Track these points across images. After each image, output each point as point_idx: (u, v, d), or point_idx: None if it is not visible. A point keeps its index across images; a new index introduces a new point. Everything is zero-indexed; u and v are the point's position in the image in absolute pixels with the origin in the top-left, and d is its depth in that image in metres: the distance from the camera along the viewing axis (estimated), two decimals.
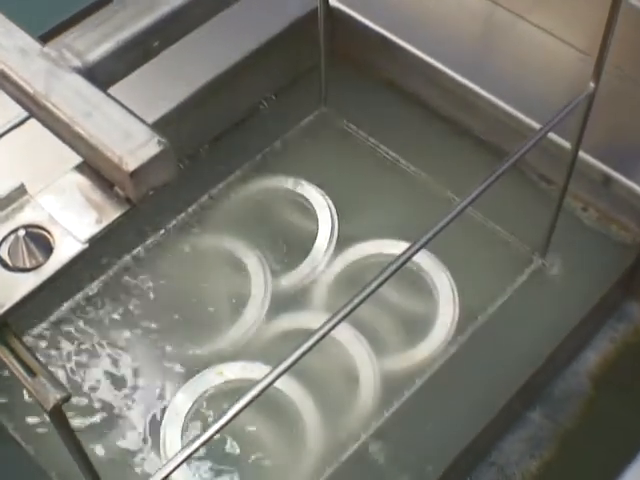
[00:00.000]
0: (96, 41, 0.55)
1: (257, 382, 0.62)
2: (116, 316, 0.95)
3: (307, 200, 1.00)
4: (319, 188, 1.00)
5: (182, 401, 0.86)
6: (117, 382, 0.93)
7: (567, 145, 0.79)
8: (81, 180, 0.50)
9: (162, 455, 0.84)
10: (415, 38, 0.99)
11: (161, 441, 0.84)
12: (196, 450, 0.59)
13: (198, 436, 0.60)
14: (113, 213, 0.49)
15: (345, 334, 0.90)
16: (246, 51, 1.00)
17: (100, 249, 0.92)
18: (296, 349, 0.64)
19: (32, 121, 0.52)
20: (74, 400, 0.89)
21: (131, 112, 0.50)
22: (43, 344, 0.92)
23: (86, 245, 0.47)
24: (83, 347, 0.93)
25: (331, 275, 0.95)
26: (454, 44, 0.87)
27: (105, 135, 0.49)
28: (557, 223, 0.90)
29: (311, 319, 0.93)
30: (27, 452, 0.84)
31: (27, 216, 0.48)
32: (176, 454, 0.59)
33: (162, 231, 0.99)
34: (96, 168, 0.50)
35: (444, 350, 0.88)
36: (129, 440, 0.85)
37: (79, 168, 0.51)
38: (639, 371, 0.89)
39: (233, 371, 0.87)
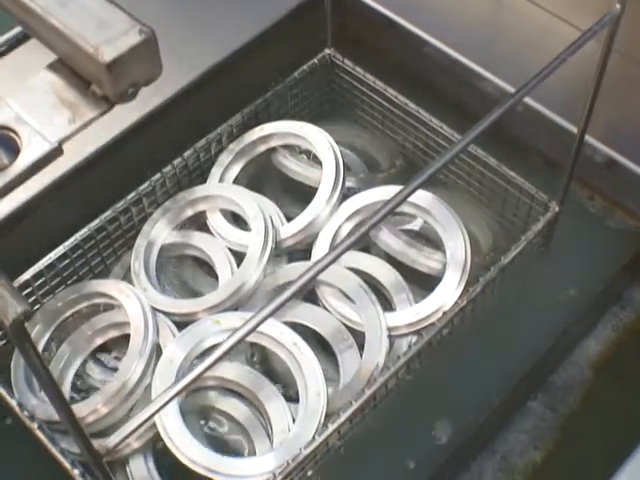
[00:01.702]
0: None
1: (245, 322, 0.56)
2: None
3: (311, 144, 0.95)
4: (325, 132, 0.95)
5: (177, 349, 0.81)
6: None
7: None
8: (54, 79, 0.45)
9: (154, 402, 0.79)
10: (418, 20, 1.00)
11: (153, 389, 0.80)
12: (184, 389, 0.54)
13: (185, 374, 0.55)
14: (88, 113, 0.44)
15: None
16: (258, 30, 0.98)
17: None
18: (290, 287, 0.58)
19: None
20: None
21: (111, 1, 0.44)
22: None
23: (55, 145, 0.42)
24: None
25: (334, 224, 0.91)
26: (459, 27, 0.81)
27: (80, 25, 0.44)
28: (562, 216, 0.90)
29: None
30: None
31: None
32: (162, 392, 0.54)
33: (156, 176, 0.93)
34: (71, 66, 0.45)
35: (455, 305, 0.84)
36: None
37: (52, 66, 0.46)
38: None
39: (229, 320, 0.83)
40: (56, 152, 0.42)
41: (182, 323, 0.86)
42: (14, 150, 0.42)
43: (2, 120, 0.43)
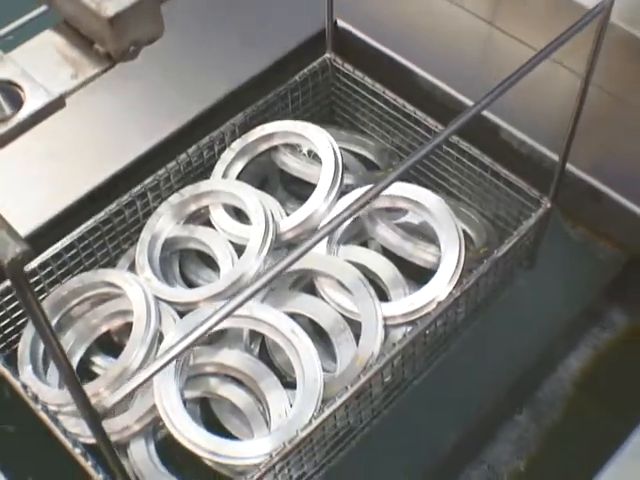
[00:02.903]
0: None
1: (238, 293, 0.55)
2: None
3: (312, 143, 0.95)
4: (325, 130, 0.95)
5: (178, 335, 0.81)
6: None
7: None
8: (59, 39, 0.45)
9: (156, 391, 0.78)
10: (405, 52, 1.02)
11: (155, 380, 0.79)
12: (180, 354, 0.53)
13: (180, 341, 0.54)
14: (91, 69, 0.44)
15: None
16: (264, 66, 1.01)
17: None
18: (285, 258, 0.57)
19: None
20: None
21: None
22: None
23: (57, 96, 0.41)
24: None
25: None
26: (449, 59, 0.83)
27: None
28: (546, 237, 0.92)
29: (309, 261, 0.88)
30: None
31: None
32: (160, 355, 0.54)
33: (163, 178, 0.93)
34: (76, 26, 0.45)
35: (448, 297, 0.83)
36: None
37: (57, 28, 0.46)
38: (619, 378, 0.91)
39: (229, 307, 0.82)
40: (57, 103, 0.42)
41: (185, 312, 0.85)
42: (18, 102, 0.42)
43: (8, 75, 0.43)
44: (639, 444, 0.73)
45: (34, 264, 0.85)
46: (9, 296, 0.84)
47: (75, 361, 0.86)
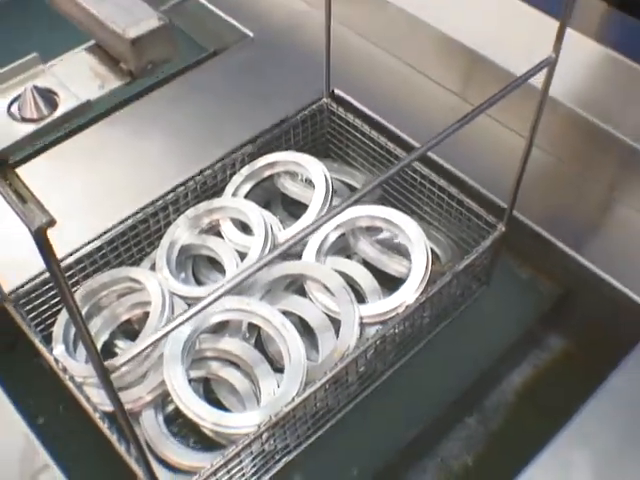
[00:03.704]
0: None
1: (237, 274, 0.56)
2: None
3: (308, 170, 0.96)
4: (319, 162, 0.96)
5: (186, 324, 0.81)
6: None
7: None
8: (90, 57, 0.47)
9: (165, 369, 0.79)
10: (396, 120, 1.02)
11: (164, 355, 0.80)
12: (179, 325, 0.54)
13: (182, 313, 0.55)
14: (115, 82, 0.46)
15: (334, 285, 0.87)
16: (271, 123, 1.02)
17: None
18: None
19: None
20: None
21: None
22: None
23: (84, 101, 0.43)
24: None
25: (322, 233, 0.91)
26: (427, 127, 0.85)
27: (113, 13, 0.45)
28: (497, 271, 0.95)
29: (300, 267, 0.89)
30: None
31: (39, 80, 0.44)
32: (165, 324, 0.55)
33: (182, 195, 0.95)
34: (105, 48, 0.47)
35: (415, 302, 0.84)
36: None
37: (89, 48, 0.47)
38: (552, 390, 0.92)
39: (231, 303, 0.83)
40: (85, 107, 0.43)
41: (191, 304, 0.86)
42: (53, 105, 0.43)
43: (47, 84, 0.44)
44: (561, 442, 0.75)
45: (70, 259, 0.86)
46: (48, 286, 0.85)
47: (100, 343, 0.87)
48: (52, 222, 0.39)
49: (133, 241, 0.92)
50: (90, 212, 0.92)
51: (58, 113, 0.43)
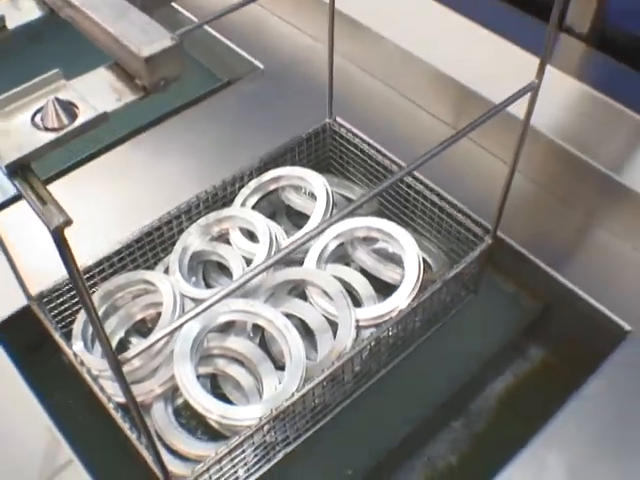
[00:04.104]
0: None
1: (245, 273, 0.56)
2: None
3: (310, 184, 0.96)
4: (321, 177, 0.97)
5: (196, 323, 0.82)
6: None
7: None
8: (108, 74, 0.47)
9: (175, 365, 0.79)
10: (391, 147, 1.02)
11: (175, 352, 0.80)
12: (188, 320, 0.54)
13: (190, 310, 0.55)
14: (130, 96, 0.46)
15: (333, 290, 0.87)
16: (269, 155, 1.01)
17: None
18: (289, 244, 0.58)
19: None
20: None
21: (152, 20, 0.46)
22: None
23: (101, 113, 0.43)
24: None
25: (322, 242, 0.91)
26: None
27: (129, 33, 0.46)
28: (483, 292, 0.96)
29: (301, 273, 0.89)
30: None
31: (60, 93, 0.45)
32: (174, 320, 0.55)
33: (195, 206, 0.95)
34: (122, 65, 0.47)
35: (407, 307, 0.84)
36: None
37: (108, 66, 0.48)
38: (532, 397, 0.91)
39: (237, 304, 0.84)
40: (102, 118, 0.44)
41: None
42: (73, 116, 0.44)
43: (68, 97, 0.45)
44: (537, 444, 0.76)
45: (90, 262, 0.87)
46: (68, 287, 0.86)
47: (116, 340, 0.87)
48: (69, 222, 0.39)
49: (148, 246, 0.92)
50: (114, 223, 0.93)
51: (77, 123, 0.43)
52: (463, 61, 1.03)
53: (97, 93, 0.45)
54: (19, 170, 0.41)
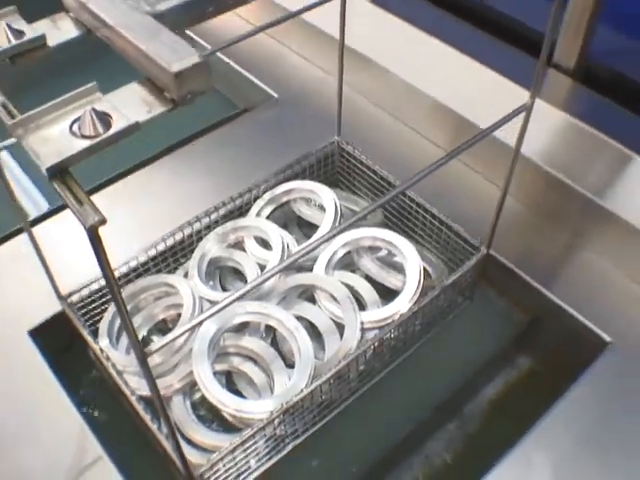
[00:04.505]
0: None
1: (258, 277, 0.56)
2: None
3: (320, 197, 0.97)
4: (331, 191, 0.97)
5: (213, 323, 0.82)
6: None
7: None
8: (140, 88, 0.48)
9: (193, 362, 0.79)
10: (393, 171, 1.00)
11: (193, 350, 0.80)
12: (206, 318, 0.55)
13: (209, 308, 0.55)
14: (160, 108, 0.46)
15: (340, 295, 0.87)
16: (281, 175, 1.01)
17: None
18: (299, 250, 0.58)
19: None
20: None
21: (183, 39, 0.47)
22: None
23: (133, 122, 0.44)
24: None
25: (330, 250, 0.91)
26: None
27: (160, 50, 0.46)
28: (476, 305, 0.96)
29: (311, 278, 0.89)
30: None
31: (96, 105, 0.45)
32: (195, 317, 0.55)
33: (213, 216, 0.95)
34: (153, 80, 0.48)
35: (408, 311, 0.84)
36: None
37: (140, 81, 0.48)
38: (521, 403, 0.91)
39: (251, 307, 0.84)
40: (134, 127, 0.44)
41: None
42: (107, 125, 0.44)
43: (104, 108, 0.45)
44: (525, 445, 0.77)
45: (116, 265, 0.87)
46: (96, 287, 0.86)
47: (139, 338, 0.87)
48: (103, 221, 0.39)
49: (169, 252, 0.93)
50: (139, 232, 0.93)
51: (111, 131, 0.43)
52: (460, 93, 1.03)
53: (129, 105, 0.46)
54: (58, 173, 0.42)
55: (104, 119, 0.44)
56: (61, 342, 0.87)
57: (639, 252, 0.88)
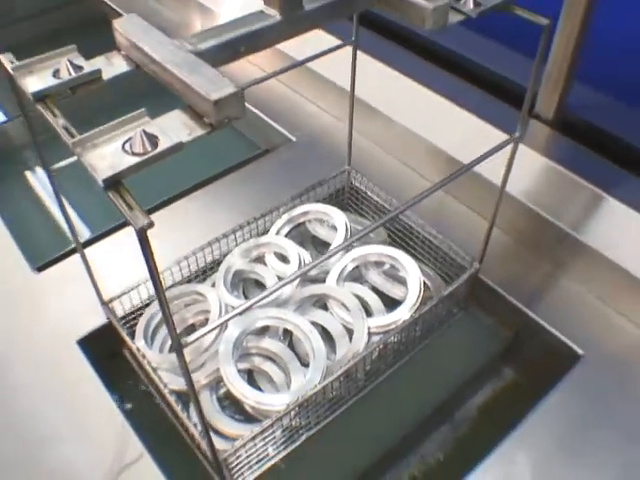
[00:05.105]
0: (205, 39, 0.54)
1: (280, 282, 0.57)
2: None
3: (332, 218, 0.98)
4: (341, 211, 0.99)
5: (236, 327, 0.83)
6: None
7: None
8: (183, 115, 0.50)
9: (220, 361, 0.80)
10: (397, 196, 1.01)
11: (219, 351, 0.81)
12: (233, 317, 0.56)
13: (236, 308, 0.56)
14: (200, 131, 0.48)
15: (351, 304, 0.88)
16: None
17: None
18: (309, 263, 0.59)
19: None
20: None
21: (220, 73, 0.49)
22: None
23: (177, 142, 0.45)
24: None
25: (341, 265, 0.93)
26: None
27: (201, 82, 0.48)
28: (466, 322, 0.96)
29: (324, 289, 0.90)
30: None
31: (146, 127, 0.47)
32: (224, 316, 0.56)
33: (238, 233, 0.96)
34: (194, 107, 0.49)
35: (410, 318, 0.85)
36: None
37: (182, 108, 0.50)
38: (505, 409, 0.91)
39: (271, 312, 0.85)
40: (177, 147, 0.46)
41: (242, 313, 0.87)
42: (154, 145, 0.46)
43: (152, 130, 0.47)
44: (508, 445, 0.78)
45: None
46: (136, 294, 0.87)
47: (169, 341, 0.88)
48: (151, 224, 0.41)
49: (199, 265, 0.94)
50: (173, 253, 0.93)
51: (158, 150, 0.45)
52: (451, 137, 1.05)
53: (174, 128, 0.48)
54: (112, 185, 0.43)
55: (152, 139, 0.46)
56: (105, 351, 0.89)
57: (608, 278, 0.89)
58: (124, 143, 0.46)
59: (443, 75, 1.15)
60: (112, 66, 0.55)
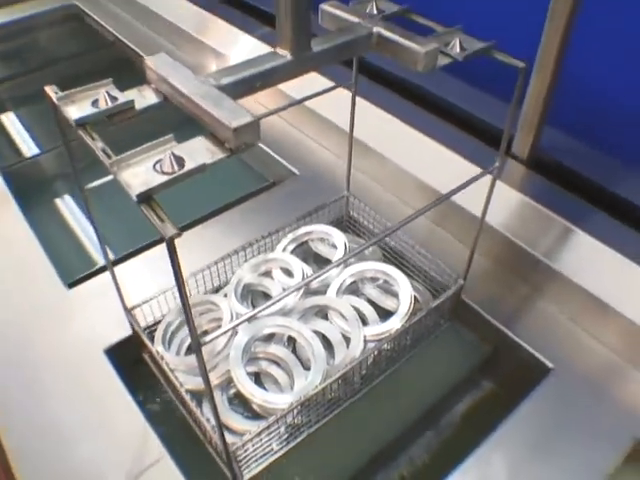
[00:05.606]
0: (226, 75, 0.57)
1: (287, 290, 0.59)
2: None
3: (332, 237, 1.00)
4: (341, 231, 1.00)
5: (245, 334, 0.84)
6: None
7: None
8: (206, 141, 0.51)
9: (230, 364, 0.81)
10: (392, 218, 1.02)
11: (230, 356, 0.82)
12: (244, 321, 0.57)
13: (245, 314, 0.57)
14: (221, 154, 0.50)
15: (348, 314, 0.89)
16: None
17: None
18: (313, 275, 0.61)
19: None
20: None
21: (240, 106, 0.51)
22: None
23: (201, 164, 0.47)
24: None
25: (340, 279, 0.94)
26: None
27: (223, 113, 0.50)
28: (450, 338, 0.97)
29: (325, 300, 0.91)
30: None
31: (174, 150, 0.49)
32: (236, 319, 0.57)
33: (248, 250, 0.98)
34: (215, 134, 0.51)
35: (401, 327, 0.86)
36: None
37: (205, 135, 0.52)
38: (484, 417, 0.91)
39: (277, 321, 0.86)
40: (201, 168, 0.48)
41: (250, 321, 0.88)
42: (181, 165, 0.48)
43: (179, 153, 0.49)
44: (486, 448, 0.79)
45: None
46: (155, 302, 0.88)
47: (187, 344, 0.89)
48: (179, 234, 0.43)
49: (213, 277, 0.95)
50: (189, 272, 0.94)
51: (185, 170, 0.47)
52: (438, 175, 1.08)
53: (198, 152, 0.50)
54: (145, 199, 0.45)
55: (179, 161, 0.48)
56: (129, 359, 0.90)
57: (578, 300, 0.91)
58: (155, 164, 0.48)
59: (431, 118, 1.18)
60: (144, 98, 0.57)
